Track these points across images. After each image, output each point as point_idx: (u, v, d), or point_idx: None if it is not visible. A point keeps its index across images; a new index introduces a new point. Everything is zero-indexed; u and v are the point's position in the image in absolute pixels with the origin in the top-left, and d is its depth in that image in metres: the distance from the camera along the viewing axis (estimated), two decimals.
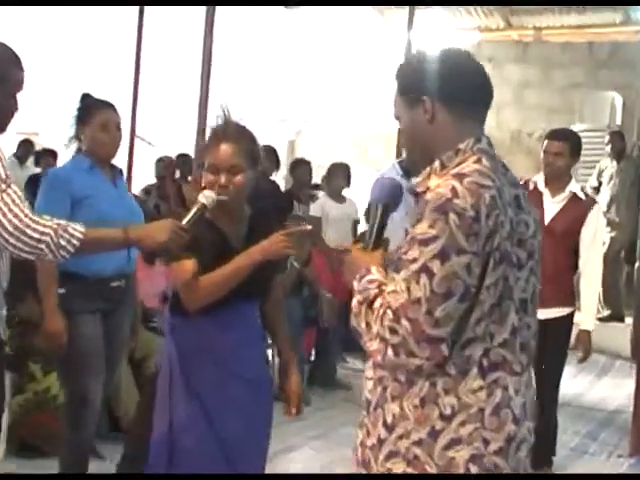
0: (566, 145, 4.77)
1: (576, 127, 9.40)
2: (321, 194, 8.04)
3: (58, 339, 3.67)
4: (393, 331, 1.89)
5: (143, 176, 9.83)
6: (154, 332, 5.39)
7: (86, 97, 4.01)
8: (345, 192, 8.08)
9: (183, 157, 9.54)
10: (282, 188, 8.25)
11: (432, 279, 1.86)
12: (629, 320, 7.95)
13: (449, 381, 1.93)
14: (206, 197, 2.90)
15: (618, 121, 11.17)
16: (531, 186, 4.79)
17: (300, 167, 8.08)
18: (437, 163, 2.03)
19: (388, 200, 2.14)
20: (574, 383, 7.28)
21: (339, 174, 7.93)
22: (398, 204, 2.15)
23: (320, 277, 6.82)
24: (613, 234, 9.29)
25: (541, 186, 4.83)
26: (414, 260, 1.89)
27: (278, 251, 2.99)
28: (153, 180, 9.64)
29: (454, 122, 2.04)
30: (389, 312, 1.90)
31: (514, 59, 11.96)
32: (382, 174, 6.60)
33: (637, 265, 7.15)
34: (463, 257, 1.86)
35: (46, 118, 11.33)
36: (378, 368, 2.02)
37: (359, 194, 8.43)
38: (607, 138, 9.59)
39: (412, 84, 2.07)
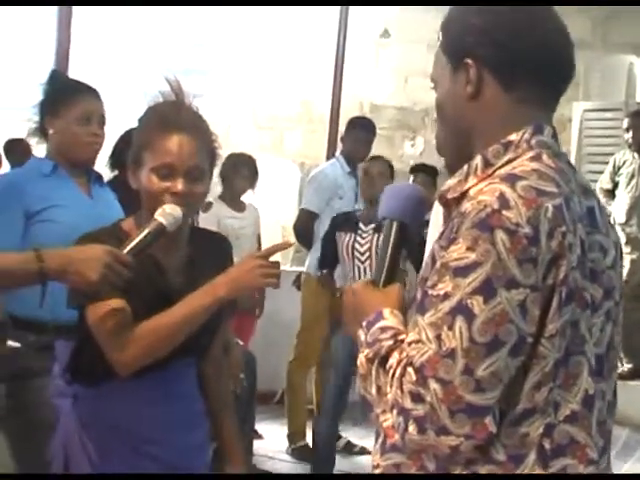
0: None
1: (579, 106, 7.65)
2: (214, 199, 5.59)
3: None
4: (417, 398, 1.35)
5: None
6: None
7: (57, 76, 3.10)
8: (248, 197, 5.71)
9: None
10: None
11: (472, 323, 1.34)
12: None
13: (496, 471, 1.39)
14: (166, 216, 2.00)
15: (639, 97, 7.82)
16: None
17: None
18: (479, 159, 1.48)
19: (406, 216, 1.62)
20: None
21: (241, 171, 5.53)
22: (421, 221, 1.63)
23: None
24: (635, 256, 6.75)
25: None
26: (446, 297, 1.36)
27: (254, 282, 2.06)
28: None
29: (509, 102, 1.49)
30: (410, 371, 1.37)
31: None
32: (320, 170, 5.68)
33: None
34: (515, 292, 1.34)
35: None
36: (393, 451, 1.48)
37: (271, 198, 6.99)
38: (626, 121, 6.80)
39: (456, 39, 1.51)
